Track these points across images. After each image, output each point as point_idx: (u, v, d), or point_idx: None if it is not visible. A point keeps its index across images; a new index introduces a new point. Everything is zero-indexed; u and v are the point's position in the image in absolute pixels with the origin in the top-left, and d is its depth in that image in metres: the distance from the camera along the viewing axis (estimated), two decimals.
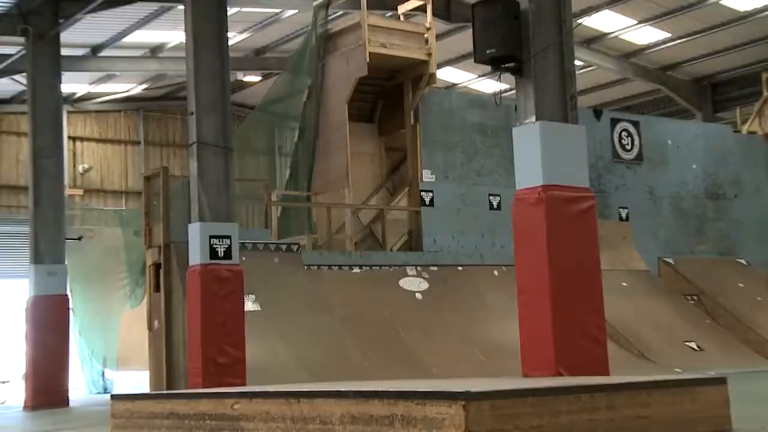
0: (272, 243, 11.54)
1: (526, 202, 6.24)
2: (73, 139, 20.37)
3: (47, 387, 11.41)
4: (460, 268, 12.88)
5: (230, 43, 9.95)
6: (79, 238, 13.45)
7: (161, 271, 10.65)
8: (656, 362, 11.54)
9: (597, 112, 15.27)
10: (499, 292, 12.37)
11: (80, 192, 19.12)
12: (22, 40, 12.82)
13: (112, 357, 13.51)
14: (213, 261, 8.74)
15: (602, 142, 14.99)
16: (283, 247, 11.50)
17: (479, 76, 19.88)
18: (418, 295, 12.08)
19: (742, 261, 15.47)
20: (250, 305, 10.33)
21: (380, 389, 3.70)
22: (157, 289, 10.76)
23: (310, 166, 13.38)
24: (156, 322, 10.71)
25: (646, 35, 17.88)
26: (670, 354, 11.86)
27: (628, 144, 15.30)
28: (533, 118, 6.34)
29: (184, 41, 9.37)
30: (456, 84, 20.28)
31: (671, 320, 13.00)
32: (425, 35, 13.17)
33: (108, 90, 19.87)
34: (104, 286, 13.23)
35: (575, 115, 6.49)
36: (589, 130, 7.47)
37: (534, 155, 6.26)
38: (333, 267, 11.78)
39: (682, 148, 15.74)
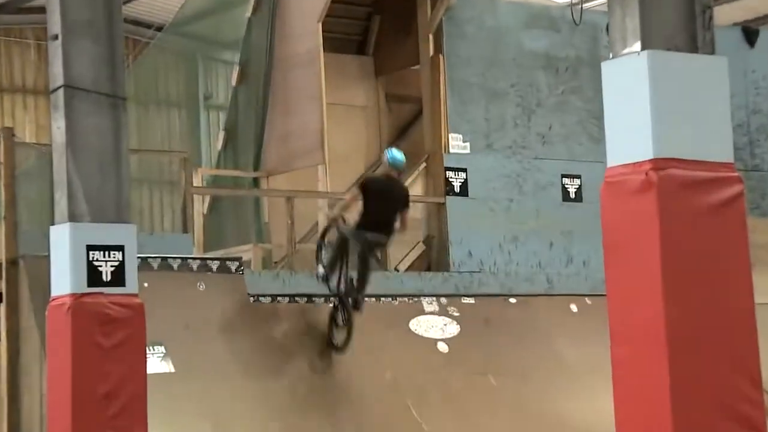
0: (195, 258, 11.52)
1: (625, 189, 6.20)
2: None
3: None
4: (512, 300, 12.84)
5: None
6: None
7: (1, 307, 10.61)
8: None
9: (750, 32, 15.14)
10: (580, 340, 12.31)
11: None
12: None
13: None
14: (94, 289, 8.71)
15: (759, 83, 14.93)
16: (214, 264, 11.47)
17: None
18: (442, 346, 12.05)
19: None
20: (156, 364, 10.32)
21: None
22: None
23: (260, 129, 13.41)
24: None
25: None
26: None
27: None
28: (637, 45, 6.29)
29: None
30: None
31: None
32: None
33: None
34: None
35: (710, 39, 6.43)
36: (735, 64, 7.41)
37: (638, 108, 6.21)
38: (297, 298, 11.75)
39: None
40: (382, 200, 10.92)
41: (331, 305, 11.30)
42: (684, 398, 5.94)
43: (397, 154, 11.14)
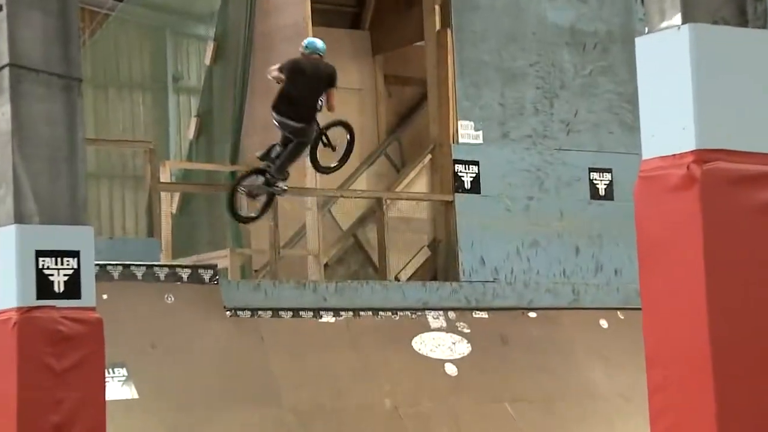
0: (162, 266, 11.50)
1: (664, 185, 6.17)
2: None
3: None
4: (532, 314, 12.84)
5: None
6: None
7: None
8: None
9: None
10: (612, 361, 12.29)
11: None
12: None
13: None
14: (44, 301, 8.67)
15: None
16: (184, 273, 11.46)
17: None
18: (450, 369, 12.04)
19: None
20: (117, 389, 10.32)
21: None
22: None
23: (238, 115, 13.40)
24: None
25: None
26: None
27: None
28: (677, 18, 6.27)
29: None
30: None
31: None
32: None
33: None
34: None
35: (763, 11, 6.40)
36: None
37: (679, 91, 6.19)
38: (282, 312, 11.74)
39: None
40: (298, 78, 11.69)
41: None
42: (732, 431, 5.91)
43: (314, 39, 12.01)
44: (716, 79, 6.24)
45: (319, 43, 11.96)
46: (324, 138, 12.06)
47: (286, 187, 11.97)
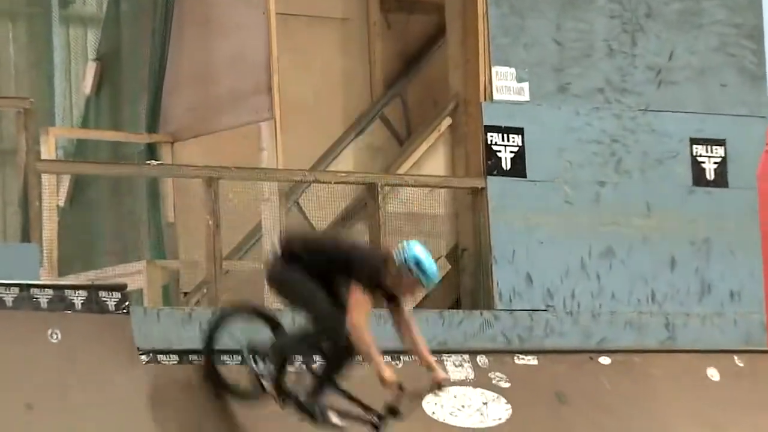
0: (45, 286, 11.50)
1: None
2: None
3: None
4: (604, 359, 12.88)
5: None
6: None
7: None
8: None
9: None
10: (725, 430, 12.34)
11: None
12: None
13: None
14: None
15: None
16: (77, 298, 11.46)
17: None
18: None
19: None
20: None
21: None
22: None
23: (159, 60, 13.50)
24: None
25: None
26: None
27: None
28: None
29: None
30: None
31: None
32: None
33: None
34: None
35: None
36: None
37: None
38: (225, 357, 11.74)
39: None
40: None
41: None
42: None
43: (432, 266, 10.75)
44: None
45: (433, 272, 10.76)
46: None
47: None
